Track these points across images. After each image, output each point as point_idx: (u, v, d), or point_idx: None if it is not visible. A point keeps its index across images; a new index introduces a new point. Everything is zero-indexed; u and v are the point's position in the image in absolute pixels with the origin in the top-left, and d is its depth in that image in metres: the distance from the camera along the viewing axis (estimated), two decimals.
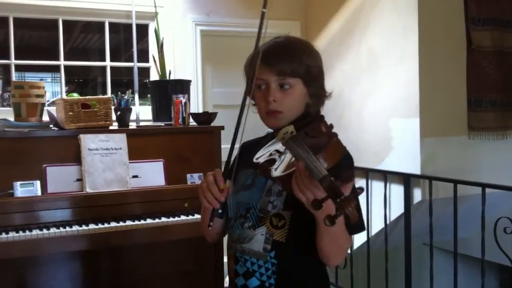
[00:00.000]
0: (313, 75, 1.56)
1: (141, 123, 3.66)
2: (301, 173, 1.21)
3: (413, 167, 3.44)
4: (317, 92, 1.59)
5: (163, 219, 2.94)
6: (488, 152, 3.57)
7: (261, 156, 1.37)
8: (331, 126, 1.34)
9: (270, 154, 1.34)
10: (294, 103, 1.55)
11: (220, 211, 1.48)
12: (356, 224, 1.45)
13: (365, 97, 3.86)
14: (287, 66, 1.52)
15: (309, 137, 1.30)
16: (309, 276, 1.55)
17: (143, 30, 4.14)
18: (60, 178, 2.92)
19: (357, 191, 1.15)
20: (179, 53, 4.10)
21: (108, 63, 4.03)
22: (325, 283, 1.66)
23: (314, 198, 1.18)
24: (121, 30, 4.26)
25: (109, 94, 3.94)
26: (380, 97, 3.75)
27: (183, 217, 2.98)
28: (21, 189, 2.82)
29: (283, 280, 1.53)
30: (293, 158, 1.25)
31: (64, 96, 3.60)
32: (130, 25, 3.89)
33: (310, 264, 1.52)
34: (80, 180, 2.95)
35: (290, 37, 1.68)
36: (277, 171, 1.28)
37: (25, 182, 2.84)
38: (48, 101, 3.39)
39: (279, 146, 1.35)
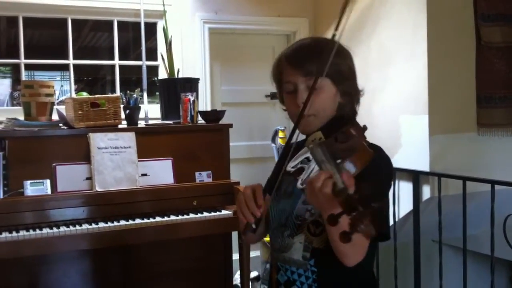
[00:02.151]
0: (342, 73, 1.52)
1: (150, 122, 3.68)
2: (315, 184, 1.16)
3: (422, 164, 3.42)
4: (348, 90, 1.54)
5: (172, 217, 2.94)
6: (498, 149, 3.54)
7: (294, 164, 1.33)
8: (363, 129, 1.30)
9: (301, 162, 1.31)
10: (325, 104, 1.50)
11: (254, 226, 1.43)
12: (381, 235, 1.40)
13: (375, 93, 3.85)
14: (313, 66, 1.47)
15: (338, 143, 1.26)
16: (352, 282, 1.51)
17: (151, 28, 4.15)
18: (70, 177, 2.94)
19: (374, 208, 1.04)
20: (188, 51, 4.11)
21: (117, 61, 4.04)
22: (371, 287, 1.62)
23: (330, 213, 1.10)
24: (129, 29, 4.27)
25: (118, 92, 3.96)
26: (390, 93, 3.74)
27: (192, 215, 2.99)
28: (31, 188, 2.84)
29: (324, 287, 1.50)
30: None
31: (74, 95, 3.62)
32: (138, 24, 3.90)
33: (353, 269, 1.41)
34: (89, 178, 2.97)
35: (316, 37, 1.66)
36: (301, 182, 1.25)
37: (35, 181, 2.86)
38: (57, 100, 3.41)
39: (308, 153, 1.31)
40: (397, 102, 3.66)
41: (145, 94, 3.77)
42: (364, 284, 1.57)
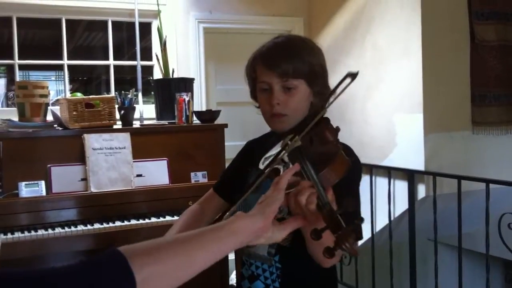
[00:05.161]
0: (316, 73, 1.51)
1: (145, 122, 3.67)
2: (299, 199, 1.12)
3: (417, 163, 3.43)
4: (321, 90, 1.53)
5: (168, 218, 2.94)
6: (492, 147, 3.55)
7: (267, 162, 1.28)
8: (337, 130, 1.26)
9: (277, 162, 1.25)
10: (298, 105, 1.50)
11: None
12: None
13: (369, 92, 3.85)
14: (289, 67, 1.47)
15: (313, 146, 1.23)
16: (314, 279, 1.54)
17: (146, 28, 4.14)
18: (65, 178, 2.93)
19: (357, 225, 1.02)
20: (182, 51, 4.10)
21: (111, 61, 4.04)
22: (332, 285, 1.64)
23: (314, 227, 1.07)
24: (124, 29, 4.27)
25: (113, 92, 3.95)
26: (384, 92, 3.74)
27: None
28: (26, 189, 2.83)
29: (287, 284, 1.52)
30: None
31: (68, 95, 3.62)
32: (133, 24, 3.89)
33: (316, 267, 1.44)
34: (84, 179, 2.96)
35: (290, 36, 1.64)
36: None
37: (30, 182, 2.85)
38: (51, 100, 3.40)
39: (284, 156, 1.25)
40: (392, 100, 3.66)
41: (140, 94, 3.76)
42: (325, 279, 1.59)
